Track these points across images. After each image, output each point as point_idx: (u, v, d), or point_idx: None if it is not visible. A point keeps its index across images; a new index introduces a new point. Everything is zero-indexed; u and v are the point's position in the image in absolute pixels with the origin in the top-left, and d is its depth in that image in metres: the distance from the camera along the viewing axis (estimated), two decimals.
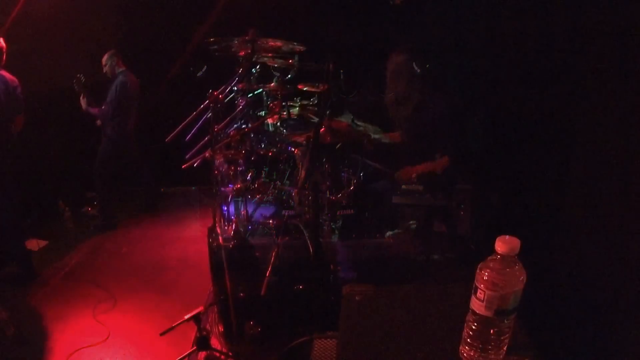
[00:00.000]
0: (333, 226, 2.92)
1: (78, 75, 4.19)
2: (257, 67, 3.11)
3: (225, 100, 2.74)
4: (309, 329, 1.68)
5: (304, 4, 4.45)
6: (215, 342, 2.51)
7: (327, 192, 2.68)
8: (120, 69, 4.38)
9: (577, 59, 1.90)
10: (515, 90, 2.59)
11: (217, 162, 2.68)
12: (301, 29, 4.22)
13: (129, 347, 2.75)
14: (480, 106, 3.14)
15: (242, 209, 2.72)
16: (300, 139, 2.85)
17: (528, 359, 1.05)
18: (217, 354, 2.43)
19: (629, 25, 1.54)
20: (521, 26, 2.46)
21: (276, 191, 2.81)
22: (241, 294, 2.44)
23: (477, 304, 1.00)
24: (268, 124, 3.37)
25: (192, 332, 2.47)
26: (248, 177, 2.72)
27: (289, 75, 3.22)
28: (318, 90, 3.19)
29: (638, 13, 1.49)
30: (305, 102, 3.61)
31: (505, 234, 0.99)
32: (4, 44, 3.55)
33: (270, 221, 2.86)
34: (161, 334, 2.27)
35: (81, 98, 4.30)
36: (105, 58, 4.37)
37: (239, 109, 2.95)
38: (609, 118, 1.68)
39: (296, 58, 3.13)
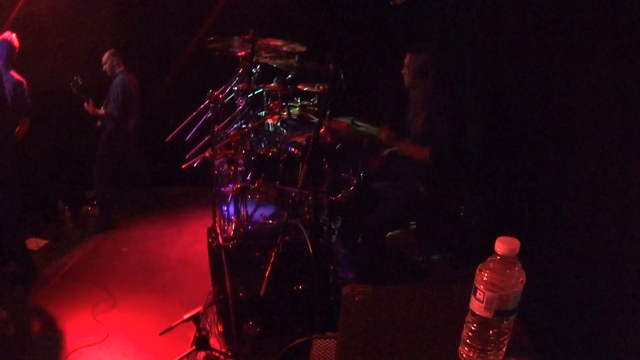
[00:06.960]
0: (333, 226, 2.91)
1: (75, 77, 4.18)
2: (257, 67, 3.11)
3: (225, 100, 2.75)
4: (309, 329, 1.68)
5: (304, 4, 4.46)
6: (214, 342, 2.51)
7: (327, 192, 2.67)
8: (120, 69, 4.38)
9: (577, 57, 1.90)
10: (514, 90, 2.58)
11: (217, 162, 2.68)
12: (301, 29, 4.24)
13: (128, 347, 2.75)
14: (479, 106, 3.13)
15: (242, 209, 2.72)
16: (301, 139, 2.84)
17: (528, 359, 1.05)
18: (217, 354, 2.42)
19: (629, 23, 1.54)
20: (521, 24, 2.46)
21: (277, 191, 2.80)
22: (241, 294, 2.44)
23: (476, 305, 1.00)
24: (268, 124, 3.36)
25: (191, 332, 2.47)
26: (248, 177, 2.72)
27: (289, 76, 3.22)
28: (318, 90, 3.18)
29: (638, 12, 1.49)
30: (305, 103, 3.61)
31: (505, 234, 0.99)
32: (16, 43, 3.53)
33: (270, 221, 2.85)
34: (160, 334, 2.27)
35: (86, 104, 4.30)
36: (105, 56, 4.37)
37: (239, 109, 2.95)
38: (609, 117, 1.68)
39: (296, 58, 3.13)
